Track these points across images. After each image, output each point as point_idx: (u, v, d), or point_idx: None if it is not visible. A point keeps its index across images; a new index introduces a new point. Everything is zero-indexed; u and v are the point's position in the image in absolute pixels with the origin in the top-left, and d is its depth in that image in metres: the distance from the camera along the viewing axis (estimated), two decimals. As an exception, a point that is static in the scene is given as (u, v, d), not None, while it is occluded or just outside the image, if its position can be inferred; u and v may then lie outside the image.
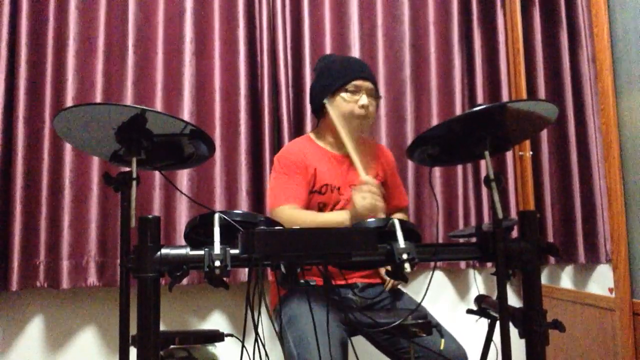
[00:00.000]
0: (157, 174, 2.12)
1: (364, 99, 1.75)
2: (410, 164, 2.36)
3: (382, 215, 1.56)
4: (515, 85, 2.46)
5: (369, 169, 1.82)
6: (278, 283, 1.10)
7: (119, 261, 1.48)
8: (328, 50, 2.33)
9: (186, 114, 2.19)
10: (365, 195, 1.57)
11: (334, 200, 1.76)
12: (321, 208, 1.75)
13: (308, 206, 1.74)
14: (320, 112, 1.85)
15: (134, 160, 1.15)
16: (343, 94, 1.76)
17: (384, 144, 2.33)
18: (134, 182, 1.14)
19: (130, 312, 1.13)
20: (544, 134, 2.49)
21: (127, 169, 1.16)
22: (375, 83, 1.81)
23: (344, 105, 1.76)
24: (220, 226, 1.10)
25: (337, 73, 1.79)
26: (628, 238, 1.76)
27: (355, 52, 2.37)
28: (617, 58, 1.81)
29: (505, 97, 2.47)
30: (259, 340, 1.15)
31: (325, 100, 1.77)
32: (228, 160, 2.21)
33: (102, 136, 1.18)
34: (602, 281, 2.41)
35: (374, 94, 1.80)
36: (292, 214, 1.66)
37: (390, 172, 1.93)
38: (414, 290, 2.40)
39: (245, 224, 1.13)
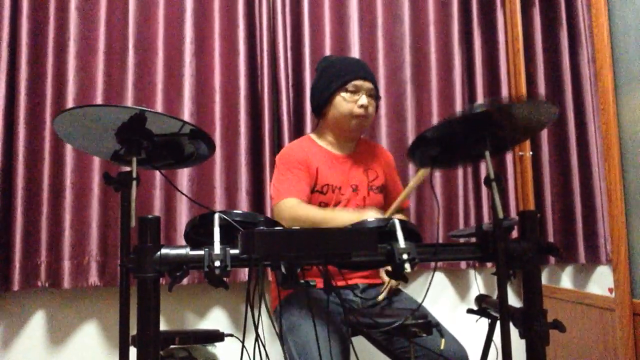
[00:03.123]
0: (157, 174, 2.12)
1: (363, 99, 1.75)
2: (410, 164, 2.36)
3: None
4: (515, 85, 2.46)
5: (369, 170, 1.82)
6: (278, 283, 1.10)
7: (119, 261, 1.48)
8: (328, 50, 2.33)
9: (186, 114, 2.19)
10: None
11: (335, 200, 1.76)
12: (322, 208, 1.75)
13: (310, 203, 1.74)
14: (320, 112, 1.85)
15: (134, 160, 1.15)
16: (343, 94, 1.76)
17: (384, 144, 2.33)
18: (134, 182, 1.14)
19: (130, 312, 1.13)
20: (544, 134, 2.48)
21: (128, 169, 1.16)
22: (375, 83, 1.81)
23: (343, 105, 1.76)
24: (220, 226, 1.10)
25: (337, 73, 1.79)
26: (628, 238, 1.75)
27: (355, 52, 2.37)
28: (617, 57, 1.81)
29: (505, 97, 2.48)
30: (259, 340, 1.15)
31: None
32: (228, 160, 2.21)
33: (102, 137, 1.18)
34: (602, 281, 2.41)
35: (374, 94, 1.80)
36: (293, 205, 1.65)
37: (390, 175, 1.93)
38: (414, 290, 2.40)
39: (245, 224, 1.14)
